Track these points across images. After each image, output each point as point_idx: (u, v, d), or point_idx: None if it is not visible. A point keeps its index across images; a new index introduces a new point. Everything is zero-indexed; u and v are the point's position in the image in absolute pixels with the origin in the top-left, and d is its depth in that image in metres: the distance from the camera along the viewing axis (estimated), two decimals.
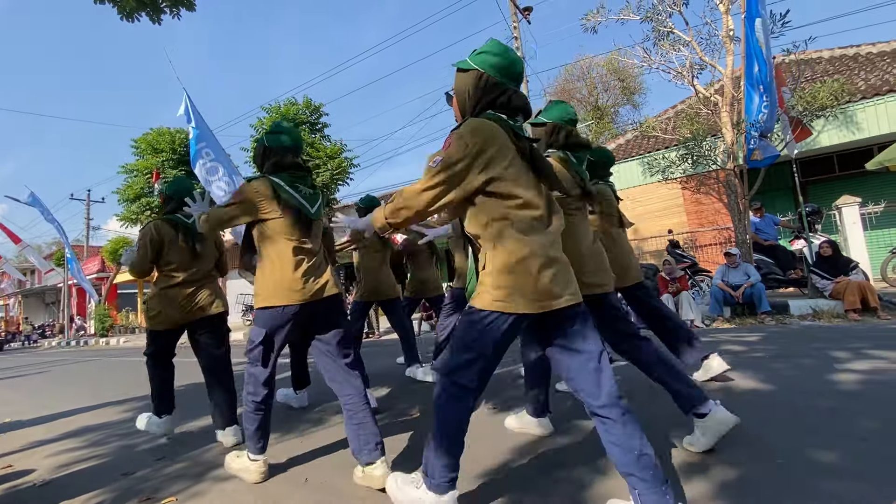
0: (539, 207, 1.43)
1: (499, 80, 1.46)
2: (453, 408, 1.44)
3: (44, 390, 5.64)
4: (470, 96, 1.49)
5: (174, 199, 2.66)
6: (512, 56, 1.50)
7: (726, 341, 4.24)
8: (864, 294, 5.08)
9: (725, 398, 2.45)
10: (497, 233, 1.40)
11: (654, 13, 7.44)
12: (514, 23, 11.48)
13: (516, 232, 1.39)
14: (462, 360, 1.42)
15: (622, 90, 24.58)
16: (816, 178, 9.69)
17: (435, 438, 1.45)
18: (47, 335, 23.60)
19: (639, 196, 11.06)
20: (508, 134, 1.42)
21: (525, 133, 1.48)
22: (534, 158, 1.46)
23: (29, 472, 2.39)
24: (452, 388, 1.44)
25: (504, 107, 1.47)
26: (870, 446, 1.71)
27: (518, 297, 1.36)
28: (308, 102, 12.36)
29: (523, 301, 1.36)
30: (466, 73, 1.49)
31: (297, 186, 1.99)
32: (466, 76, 1.49)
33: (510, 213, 1.40)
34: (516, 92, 1.49)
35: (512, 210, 1.40)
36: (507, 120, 1.44)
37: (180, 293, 2.55)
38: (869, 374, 2.66)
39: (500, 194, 1.40)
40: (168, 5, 3.80)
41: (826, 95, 6.82)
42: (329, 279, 2.04)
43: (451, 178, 1.39)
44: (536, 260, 1.37)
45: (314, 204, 2.04)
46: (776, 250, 6.83)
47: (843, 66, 9.95)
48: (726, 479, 1.55)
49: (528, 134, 1.50)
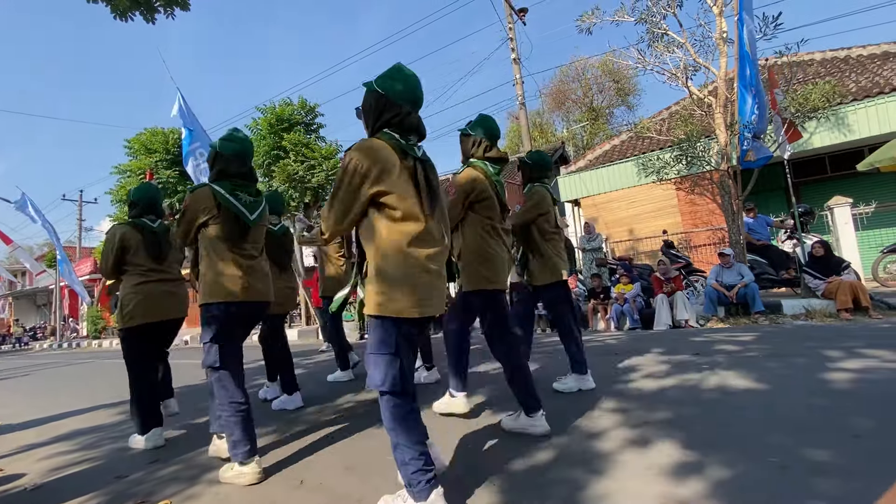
0: (421, 221, 1.56)
1: (395, 102, 1.61)
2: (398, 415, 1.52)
3: (35, 393, 5.58)
4: (370, 114, 1.66)
5: (139, 204, 2.79)
6: (410, 82, 1.66)
7: (720, 341, 4.26)
8: (856, 294, 5.14)
9: (721, 397, 2.47)
10: (379, 243, 1.55)
11: (648, 15, 7.47)
12: (509, 24, 11.51)
13: (396, 243, 1.52)
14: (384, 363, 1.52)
15: (617, 91, 24.73)
16: (809, 179, 9.77)
17: (397, 449, 1.50)
18: (38, 337, 23.36)
19: (633, 197, 11.12)
20: (397, 152, 1.56)
21: (417, 153, 1.63)
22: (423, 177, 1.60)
23: (20, 476, 2.36)
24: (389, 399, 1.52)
25: (398, 126, 1.62)
26: (863, 444, 1.72)
27: (396, 303, 1.50)
28: (303, 103, 12.31)
29: (401, 306, 1.51)
30: (370, 93, 1.66)
31: (237, 194, 2.13)
32: (370, 95, 1.66)
33: (392, 225, 1.54)
34: (410, 114, 1.64)
35: (394, 223, 1.54)
36: (398, 139, 1.59)
37: (153, 289, 2.68)
38: (861, 372, 2.68)
39: (385, 207, 1.54)
40: (162, 4, 3.78)
41: (818, 97, 6.89)
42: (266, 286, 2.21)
43: (349, 193, 1.55)
44: (414, 270, 1.52)
45: (254, 211, 2.18)
46: (769, 250, 6.88)
47: (835, 69, 10.05)
48: (720, 478, 1.56)
49: (419, 154, 1.65)
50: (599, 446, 1.94)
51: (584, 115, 24.89)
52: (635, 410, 2.37)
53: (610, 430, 2.12)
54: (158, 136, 13.05)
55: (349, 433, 2.51)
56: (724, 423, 2.09)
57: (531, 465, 1.83)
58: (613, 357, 3.92)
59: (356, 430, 2.54)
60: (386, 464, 2.00)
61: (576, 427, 2.22)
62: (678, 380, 2.91)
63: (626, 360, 3.70)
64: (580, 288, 7.88)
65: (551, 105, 26.16)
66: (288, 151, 11.44)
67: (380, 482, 1.82)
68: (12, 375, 8.10)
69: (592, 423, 2.25)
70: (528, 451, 1.97)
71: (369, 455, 2.14)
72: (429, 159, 1.69)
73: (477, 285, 2.26)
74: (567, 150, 17.06)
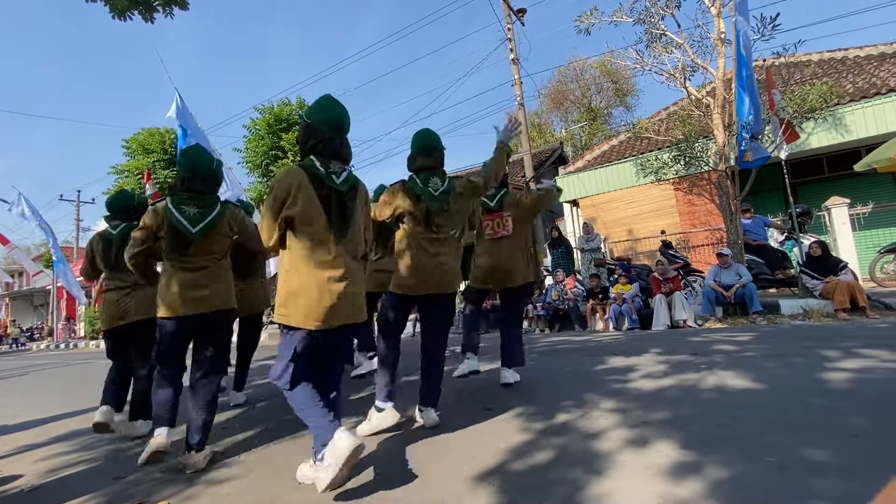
0: (326, 244, 1.78)
1: (319, 129, 1.83)
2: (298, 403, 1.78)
3: (33, 393, 5.55)
4: (301, 140, 1.90)
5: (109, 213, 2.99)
6: (334, 111, 1.87)
7: (718, 341, 4.27)
8: (854, 294, 5.15)
9: (719, 396, 2.48)
10: (288, 260, 1.79)
11: (646, 15, 7.49)
12: (507, 24, 11.52)
13: (299, 263, 1.76)
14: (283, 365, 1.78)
15: (615, 92, 24.75)
16: (806, 180, 9.80)
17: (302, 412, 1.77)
18: (36, 338, 23.25)
19: (632, 197, 11.13)
20: (313, 181, 1.78)
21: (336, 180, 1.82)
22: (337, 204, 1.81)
23: (17, 477, 2.35)
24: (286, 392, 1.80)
25: (321, 153, 1.83)
26: (860, 443, 1.72)
27: (294, 316, 1.76)
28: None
29: (298, 319, 1.75)
30: (301, 122, 1.91)
31: (181, 208, 2.23)
32: (301, 124, 1.91)
33: (299, 245, 1.76)
34: (334, 140, 1.85)
35: (301, 244, 1.76)
36: (318, 167, 1.80)
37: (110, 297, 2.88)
38: (859, 372, 2.69)
39: (296, 230, 1.77)
40: (161, 4, 3.77)
41: (815, 98, 6.91)
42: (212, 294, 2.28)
43: (272, 214, 1.77)
44: (312, 289, 1.75)
45: (196, 224, 2.24)
46: (765, 250, 6.90)
47: (832, 69, 10.09)
48: (719, 478, 1.56)
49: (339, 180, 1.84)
50: (598, 446, 1.94)
51: (583, 116, 24.92)
52: (634, 410, 2.37)
53: (609, 430, 2.12)
54: (156, 137, 13.03)
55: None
56: (722, 422, 2.09)
57: (530, 465, 1.83)
58: (612, 357, 3.92)
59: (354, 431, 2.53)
60: (386, 463, 2.00)
61: (574, 427, 2.22)
62: (676, 380, 2.91)
63: (624, 361, 3.71)
64: (578, 288, 7.90)
65: (550, 105, 26.20)
66: (286, 151, 11.44)
67: (380, 482, 1.82)
68: (9, 375, 8.06)
69: (591, 423, 2.25)
70: (527, 452, 1.97)
71: (368, 455, 2.14)
72: (352, 186, 1.89)
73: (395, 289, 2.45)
74: (565, 150, 17.08)
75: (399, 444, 2.26)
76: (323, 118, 1.84)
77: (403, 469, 1.93)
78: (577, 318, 7.14)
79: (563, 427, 2.23)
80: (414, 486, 1.76)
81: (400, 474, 1.87)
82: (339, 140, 1.86)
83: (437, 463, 1.96)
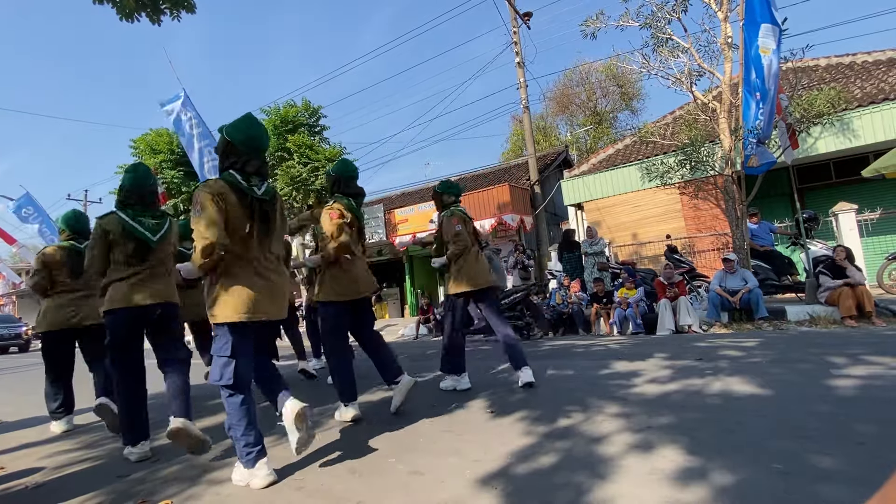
0: (249, 248, 1.94)
1: (239, 150, 1.97)
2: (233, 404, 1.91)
3: (37, 391, 5.58)
4: (220, 156, 2.04)
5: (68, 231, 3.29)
6: (252, 132, 2.01)
7: (724, 346, 4.24)
8: (860, 300, 5.10)
9: (724, 402, 2.46)
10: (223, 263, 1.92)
11: (653, 20, 7.48)
12: (513, 28, 11.55)
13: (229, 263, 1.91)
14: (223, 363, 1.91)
15: (621, 96, 24.71)
16: (813, 185, 9.73)
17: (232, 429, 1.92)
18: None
19: (637, 201, 11.09)
20: (236, 193, 1.92)
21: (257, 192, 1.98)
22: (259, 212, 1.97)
23: (22, 474, 2.37)
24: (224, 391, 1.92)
25: (240, 170, 1.97)
26: (867, 450, 1.70)
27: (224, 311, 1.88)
28: (307, 104, 12.35)
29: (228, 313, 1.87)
30: (221, 137, 2.01)
31: (140, 220, 2.47)
32: (221, 139, 2.02)
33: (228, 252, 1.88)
34: (252, 159, 1.98)
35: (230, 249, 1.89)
36: (239, 181, 1.94)
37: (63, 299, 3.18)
38: (866, 378, 2.66)
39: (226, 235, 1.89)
40: (168, 7, 3.81)
41: (823, 103, 6.87)
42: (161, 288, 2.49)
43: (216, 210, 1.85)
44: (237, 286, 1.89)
45: (156, 233, 2.51)
46: (771, 255, 6.85)
47: (840, 74, 10.03)
48: (724, 485, 1.55)
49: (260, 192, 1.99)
50: (603, 451, 1.93)
51: (588, 119, 24.89)
52: (638, 415, 2.35)
53: (613, 434, 2.11)
54: (164, 137, 13.09)
55: (350, 435, 2.51)
56: (727, 428, 2.07)
57: (534, 469, 1.82)
58: (616, 362, 3.90)
59: (358, 433, 2.54)
60: (388, 466, 2.00)
61: (579, 431, 2.21)
62: (681, 385, 2.89)
63: (628, 365, 3.69)
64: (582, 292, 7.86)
65: (555, 109, 26.18)
66: (292, 153, 11.48)
67: (381, 484, 1.81)
68: (15, 373, 8.12)
69: (595, 427, 2.24)
70: (530, 455, 1.97)
71: (371, 457, 2.14)
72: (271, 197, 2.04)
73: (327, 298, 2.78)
74: (570, 153, 17.06)
75: (400, 446, 2.25)
76: (242, 139, 1.97)
77: (406, 472, 1.92)
78: (581, 321, 7.12)
79: (566, 431, 2.22)
80: (417, 489, 1.75)
81: (402, 477, 1.87)
82: (258, 161, 2.00)
83: (440, 466, 1.95)
